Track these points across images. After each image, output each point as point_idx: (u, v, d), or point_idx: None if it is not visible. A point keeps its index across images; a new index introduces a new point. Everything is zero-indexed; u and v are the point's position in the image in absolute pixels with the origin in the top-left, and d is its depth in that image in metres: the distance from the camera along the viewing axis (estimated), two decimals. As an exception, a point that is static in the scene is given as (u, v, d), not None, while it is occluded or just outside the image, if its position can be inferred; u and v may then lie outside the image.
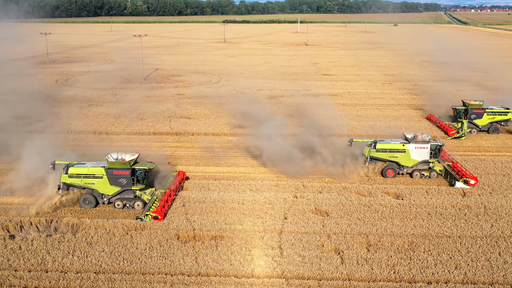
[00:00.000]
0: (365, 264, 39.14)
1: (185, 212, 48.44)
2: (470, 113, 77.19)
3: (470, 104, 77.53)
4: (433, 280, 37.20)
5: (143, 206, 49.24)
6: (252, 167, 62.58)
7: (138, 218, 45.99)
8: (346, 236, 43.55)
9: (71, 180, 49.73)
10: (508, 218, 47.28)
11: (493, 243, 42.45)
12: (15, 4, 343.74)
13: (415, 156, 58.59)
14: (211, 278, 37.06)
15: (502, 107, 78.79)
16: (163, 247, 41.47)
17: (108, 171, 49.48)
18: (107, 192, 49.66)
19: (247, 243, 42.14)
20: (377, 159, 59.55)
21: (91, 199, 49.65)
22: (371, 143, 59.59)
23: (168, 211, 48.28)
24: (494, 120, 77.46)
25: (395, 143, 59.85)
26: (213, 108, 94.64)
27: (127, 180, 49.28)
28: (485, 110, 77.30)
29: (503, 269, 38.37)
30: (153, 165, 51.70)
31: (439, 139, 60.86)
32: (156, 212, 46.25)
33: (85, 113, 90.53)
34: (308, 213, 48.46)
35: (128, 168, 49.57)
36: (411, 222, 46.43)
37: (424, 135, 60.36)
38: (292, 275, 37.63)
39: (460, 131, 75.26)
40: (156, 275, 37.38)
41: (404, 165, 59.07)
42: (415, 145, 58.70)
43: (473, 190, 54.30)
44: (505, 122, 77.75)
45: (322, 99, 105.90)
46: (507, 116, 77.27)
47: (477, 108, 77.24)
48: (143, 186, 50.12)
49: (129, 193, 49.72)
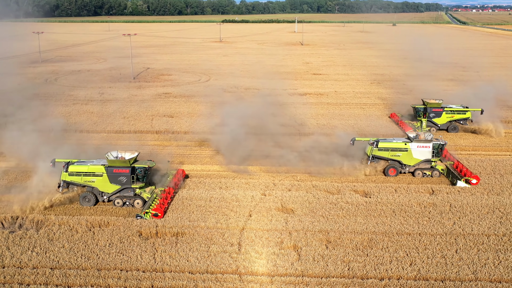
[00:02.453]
0: (321, 260, 39.42)
1: (152, 209, 48.82)
2: (429, 112, 77.78)
3: (429, 103, 78.03)
4: (386, 276, 37.46)
5: (143, 204, 49.51)
6: (226, 165, 62.84)
7: (138, 216, 46.25)
8: (306, 233, 43.83)
9: (71, 178, 49.96)
10: (471, 216, 47.50)
11: (452, 241, 42.69)
12: (15, 4, 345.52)
13: (417, 155, 58.56)
14: (165, 274, 37.38)
15: (461, 106, 79.03)
16: (123, 243, 41.82)
17: (108, 169, 49.67)
18: (107, 190, 49.86)
19: (207, 240, 42.47)
20: (379, 158, 59.63)
21: (91, 197, 49.86)
22: (373, 142, 59.71)
23: (168, 208, 48.53)
24: (453, 118, 77.90)
25: (397, 142, 59.85)
26: (197, 107, 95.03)
27: (127, 178, 49.49)
28: (444, 109, 77.77)
29: (457, 266, 38.62)
30: (152, 163, 51.92)
31: (441, 138, 60.82)
32: (156, 209, 46.55)
33: (69, 112, 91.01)
34: (274, 210, 48.77)
35: (128, 166, 49.78)
36: (374, 219, 46.70)
37: (427, 134, 60.30)
38: (246, 271, 37.95)
39: (417, 130, 75.76)
40: (111, 271, 37.73)
41: (406, 164, 59.05)
42: (417, 144, 58.65)
43: (442, 188, 54.59)
44: (464, 120, 78.09)
45: (307, 98, 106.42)
46: (466, 115, 77.65)
47: (436, 107, 77.75)
48: (143, 184, 50.32)
49: (129, 191, 49.99)
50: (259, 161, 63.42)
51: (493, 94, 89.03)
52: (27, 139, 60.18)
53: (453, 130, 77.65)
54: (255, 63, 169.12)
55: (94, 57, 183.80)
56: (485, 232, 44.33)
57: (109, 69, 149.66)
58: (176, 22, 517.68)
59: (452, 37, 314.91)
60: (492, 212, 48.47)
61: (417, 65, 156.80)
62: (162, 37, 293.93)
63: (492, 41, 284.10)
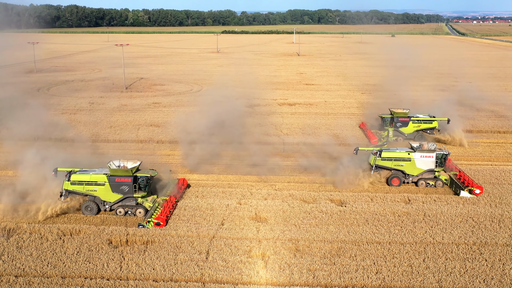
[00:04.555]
0: (287, 269, 39.40)
1: (126, 218, 48.95)
2: (395, 121, 78.02)
3: (396, 113, 78.22)
4: (350, 285, 37.43)
5: (145, 213, 49.50)
6: (206, 174, 62.95)
7: (140, 225, 46.28)
8: (276, 242, 43.83)
9: (73, 187, 50.00)
10: (444, 225, 47.47)
11: (421, 249, 42.64)
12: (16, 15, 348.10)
13: (420, 165, 58.34)
14: (129, 282, 37.40)
15: (428, 116, 79.08)
16: (91, 251, 41.87)
17: (110, 178, 49.72)
18: (109, 199, 49.86)
19: (175, 248, 42.49)
20: (383, 167, 59.52)
21: (93, 206, 49.87)
22: (377, 152, 59.67)
23: (170, 217, 48.55)
24: (419, 128, 77.91)
25: (400, 151, 59.68)
26: (184, 117, 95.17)
27: (129, 187, 49.52)
28: (410, 118, 77.90)
29: (422, 275, 38.55)
30: (154, 173, 51.95)
31: (445, 148, 60.81)
32: (158, 218, 46.56)
33: (57, 121, 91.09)
34: (247, 219, 48.81)
35: (130, 175, 49.79)
36: (345, 228, 46.67)
37: (430, 144, 60.22)
38: (211, 279, 37.95)
39: (382, 139, 75.71)
40: (75, 279, 37.76)
41: (409, 174, 58.81)
42: (420, 154, 58.49)
43: (418, 197, 54.61)
44: (431, 130, 78.13)
45: (296, 108, 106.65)
46: (433, 124, 77.64)
47: (402, 116, 77.92)
48: (145, 193, 50.29)
49: (131, 200, 50.01)
50: (238, 170, 63.61)
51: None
52: (7, 149, 60.84)
53: (420, 139, 77.66)
54: (249, 73, 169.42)
55: (89, 67, 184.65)
56: (455, 241, 44.27)
57: (103, 79, 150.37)
58: (176, 33, 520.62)
59: (449, 48, 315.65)
60: (465, 221, 48.41)
61: (410, 75, 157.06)
62: (160, 47, 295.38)
63: (488, 52, 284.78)
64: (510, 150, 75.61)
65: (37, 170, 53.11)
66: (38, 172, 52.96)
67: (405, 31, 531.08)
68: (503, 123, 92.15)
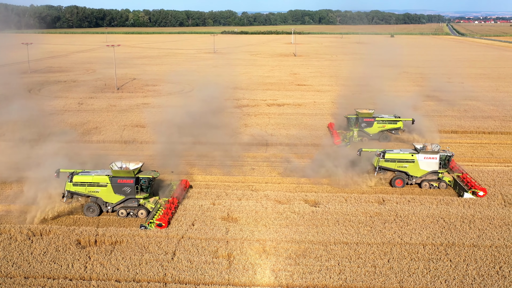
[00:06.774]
0: (250, 269, 39.56)
1: (98, 218, 49.22)
2: (360, 121, 78.18)
3: (360, 113, 78.27)
4: (311, 285, 37.58)
5: (147, 214, 49.66)
6: (186, 174, 63.06)
7: (142, 226, 46.45)
8: (244, 242, 43.97)
9: (75, 188, 50.15)
10: (414, 226, 47.54)
11: (387, 250, 42.73)
12: (16, 15, 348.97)
13: (424, 167, 58.44)
14: (91, 282, 37.59)
15: (394, 116, 79.13)
16: (59, 252, 42.09)
17: (112, 179, 49.94)
18: (111, 200, 50.05)
19: (142, 249, 42.68)
20: (386, 169, 59.68)
21: (95, 207, 50.03)
22: (380, 153, 59.84)
23: (172, 218, 48.67)
24: (384, 128, 78.12)
25: (404, 153, 59.77)
26: (171, 118, 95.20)
27: (131, 188, 49.73)
28: (375, 119, 78.00)
29: (385, 275, 38.66)
30: (157, 174, 52.12)
31: (449, 150, 60.80)
32: (160, 219, 46.70)
33: (44, 122, 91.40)
34: (218, 219, 48.94)
35: (132, 176, 49.99)
36: (315, 229, 46.76)
37: (434, 145, 60.25)
38: (173, 279, 38.13)
39: (345, 140, 75.89)
40: (38, 279, 37.97)
41: (413, 175, 58.93)
42: (424, 155, 58.56)
43: (392, 198, 54.69)
44: (396, 130, 78.30)
45: (285, 109, 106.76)
46: (397, 125, 77.83)
47: (367, 117, 78.01)
48: (147, 194, 50.46)
49: (133, 201, 50.20)
50: (217, 171, 63.78)
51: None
52: None
53: (385, 139, 77.82)
54: (242, 73, 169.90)
55: (84, 68, 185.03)
56: (423, 241, 44.35)
57: (95, 79, 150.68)
58: (176, 33, 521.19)
59: (446, 48, 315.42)
60: (436, 222, 48.49)
61: (403, 76, 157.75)
62: (157, 48, 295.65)
63: (485, 52, 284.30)
64: (491, 150, 75.61)
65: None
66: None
67: (405, 32, 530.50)
68: (484, 124, 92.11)
